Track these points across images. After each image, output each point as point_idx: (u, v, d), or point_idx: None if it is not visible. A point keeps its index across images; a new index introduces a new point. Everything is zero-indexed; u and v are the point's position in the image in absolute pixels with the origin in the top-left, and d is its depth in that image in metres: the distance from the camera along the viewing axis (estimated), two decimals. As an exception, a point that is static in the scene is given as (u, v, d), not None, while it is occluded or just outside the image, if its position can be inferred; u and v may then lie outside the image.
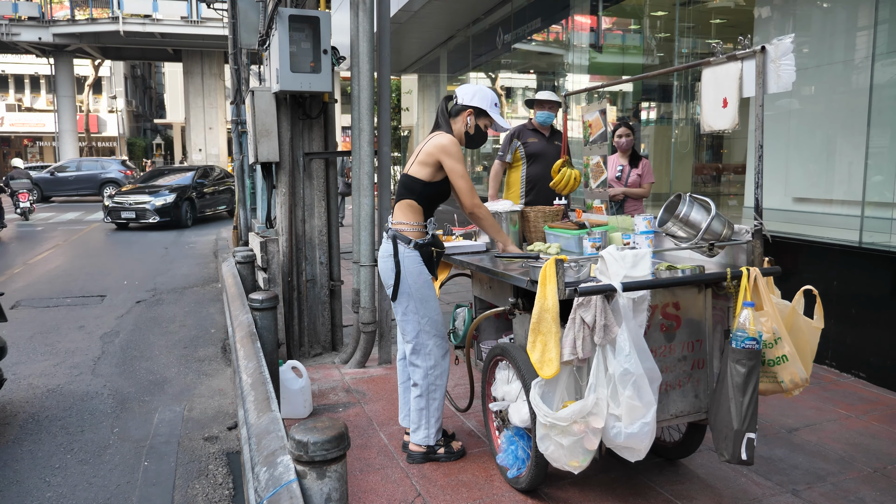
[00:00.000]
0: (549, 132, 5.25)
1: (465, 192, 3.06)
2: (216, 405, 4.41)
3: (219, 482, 3.37)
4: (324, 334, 5.15)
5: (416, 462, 3.21)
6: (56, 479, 3.41)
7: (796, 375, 2.57)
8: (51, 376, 4.98)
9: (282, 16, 4.46)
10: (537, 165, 5.16)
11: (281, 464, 1.75)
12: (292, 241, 4.96)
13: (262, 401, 2.41)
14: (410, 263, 3.07)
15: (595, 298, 2.36)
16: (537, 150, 5.17)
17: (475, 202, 3.08)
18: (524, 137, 5.24)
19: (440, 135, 3.08)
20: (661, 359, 2.62)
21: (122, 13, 28.51)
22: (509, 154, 5.27)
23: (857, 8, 4.97)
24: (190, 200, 15.71)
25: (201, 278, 9.09)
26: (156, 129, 50.64)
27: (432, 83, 16.79)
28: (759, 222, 2.71)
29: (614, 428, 2.38)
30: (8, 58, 40.02)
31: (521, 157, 5.24)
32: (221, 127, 33.42)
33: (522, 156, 5.23)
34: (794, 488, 2.93)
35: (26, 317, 6.86)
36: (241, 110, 8.78)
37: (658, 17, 8.56)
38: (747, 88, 2.67)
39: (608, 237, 3.29)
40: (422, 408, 3.17)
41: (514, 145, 5.25)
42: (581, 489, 2.92)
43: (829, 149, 5.13)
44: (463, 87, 3.19)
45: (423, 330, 3.12)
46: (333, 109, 5.11)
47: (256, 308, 3.57)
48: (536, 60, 11.84)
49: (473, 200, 3.07)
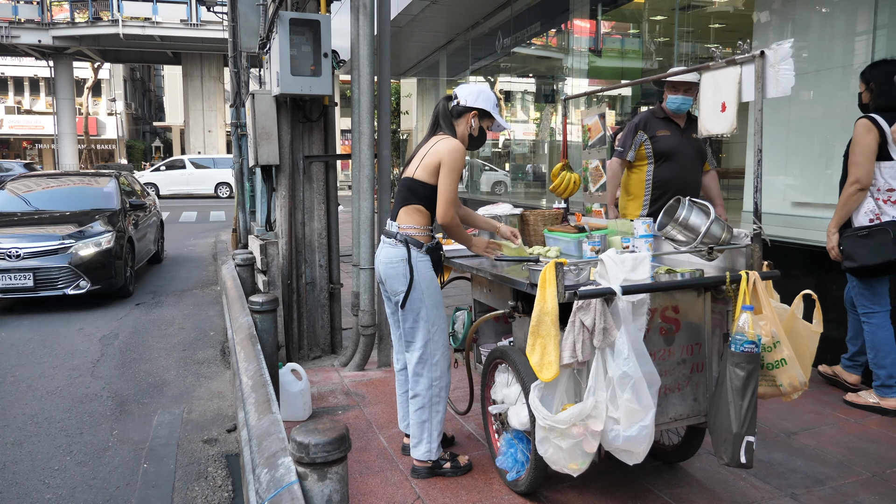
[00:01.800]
0: (684, 122, 4.19)
1: (447, 201, 2.93)
2: (215, 407, 4.41)
3: (218, 484, 3.37)
4: (323, 337, 5.15)
5: (422, 477, 3.08)
6: (55, 481, 3.41)
7: (795, 379, 2.57)
8: (50, 378, 4.98)
9: (282, 19, 4.47)
10: (669, 166, 4.16)
11: (282, 465, 1.75)
12: (292, 244, 4.96)
13: (262, 403, 2.42)
14: (423, 268, 2.99)
15: (594, 302, 2.37)
16: (669, 147, 4.13)
17: (448, 214, 2.94)
18: (652, 129, 4.17)
19: (447, 139, 2.97)
20: (661, 362, 2.63)
21: (122, 16, 28.55)
22: (632, 151, 4.23)
23: (857, 13, 4.99)
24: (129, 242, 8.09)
25: (200, 281, 9.09)
26: (155, 131, 50.65)
27: (432, 87, 16.84)
28: (758, 226, 2.72)
29: (613, 431, 2.39)
30: (7, 60, 40.06)
31: (647, 154, 4.20)
32: (220, 130, 33.46)
33: (649, 153, 4.20)
34: (793, 492, 2.94)
35: (26, 319, 6.85)
36: (240, 113, 8.80)
37: (657, 22, 8.59)
38: (746, 93, 2.68)
39: (607, 241, 3.29)
40: (423, 420, 3.06)
41: (639, 139, 4.22)
42: (580, 492, 2.93)
43: (827, 153, 5.14)
44: (463, 87, 3.09)
45: (432, 339, 3.02)
46: (333, 113, 5.12)
47: (256, 311, 3.57)
48: (536, 64, 11.88)
49: (447, 212, 2.94)
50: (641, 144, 4.21)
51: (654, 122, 4.20)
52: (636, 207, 4.26)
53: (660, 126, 4.18)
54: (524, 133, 14.20)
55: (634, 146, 4.22)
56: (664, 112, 4.17)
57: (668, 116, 4.18)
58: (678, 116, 4.17)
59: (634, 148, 4.22)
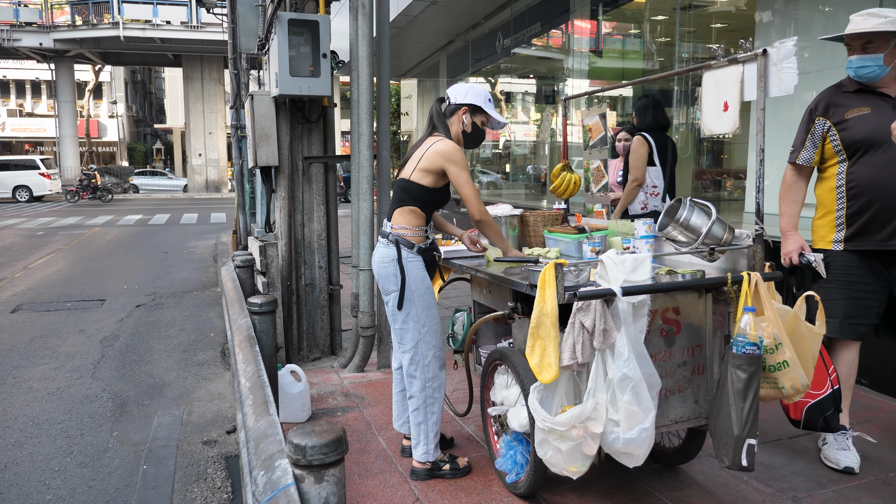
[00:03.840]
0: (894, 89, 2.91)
1: (472, 201, 2.96)
2: (215, 409, 4.40)
3: (217, 486, 3.36)
4: (322, 338, 5.14)
5: (421, 479, 3.08)
6: (55, 482, 3.40)
7: (797, 381, 2.55)
8: (51, 379, 4.97)
9: (281, 20, 4.46)
10: (871, 161, 2.91)
11: (279, 467, 1.74)
12: (291, 246, 4.95)
13: (260, 405, 2.40)
14: (414, 269, 3.01)
15: (594, 303, 2.35)
16: (869, 132, 2.88)
17: (482, 209, 2.99)
18: (836, 113, 2.97)
19: (442, 141, 2.99)
20: (661, 364, 2.61)
21: (123, 18, 28.61)
22: (808, 150, 3.07)
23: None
24: None
25: (200, 282, 9.09)
26: (156, 133, 50.75)
27: (432, 88, 16.83)
28: (760, 227, 2.70)
29: (613, 433, 2.37)
30: (9, 63, 40.17)
31: (835, 149, 3.00)
32: (221, 132, 33.51)
33: (837, 147, 2.98)
34: (795, 495, 2.92)
35: (27, 320, 6.85)
36: (240, 115, 8.79)
37: (658, 22, 8.57)
38: (748, 92, 2.66)
39: (608, 241, 3.28)
40: (420, 422, 3.07)
41: (819, 129, 3.03)
42: (580, 495, 2.91)
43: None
44: (454, 86, 3.11)
45: (422, 339, 3.03)
46: (333, 114, 5.11)
47: (255, 312, 3.56)
48: (536, 65, 11.87)
49: (480, 208, 2.98)
50: (825, 136, 3.02)
51: (838, 100, 2.99)
52: (825, 226, 3.14)
53: (849, 104, 2.95)
54: (525, 134, 14.19)
55: (812, 142, 3.06)
56: (857, 84, 2.96)
57: (861, 88, 2.95)
58: (874, 84, 2.91)
59: (812, 145, 3.06)
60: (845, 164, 3.01)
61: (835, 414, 3.00)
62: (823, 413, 2.99)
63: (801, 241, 3.13)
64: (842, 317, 3.09)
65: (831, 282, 3.09)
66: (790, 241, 3.15)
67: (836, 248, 3.11)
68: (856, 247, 3.05)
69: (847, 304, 3.09)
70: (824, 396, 2.97)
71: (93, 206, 24.58)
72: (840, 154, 3.01)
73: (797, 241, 3.13)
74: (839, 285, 3.09)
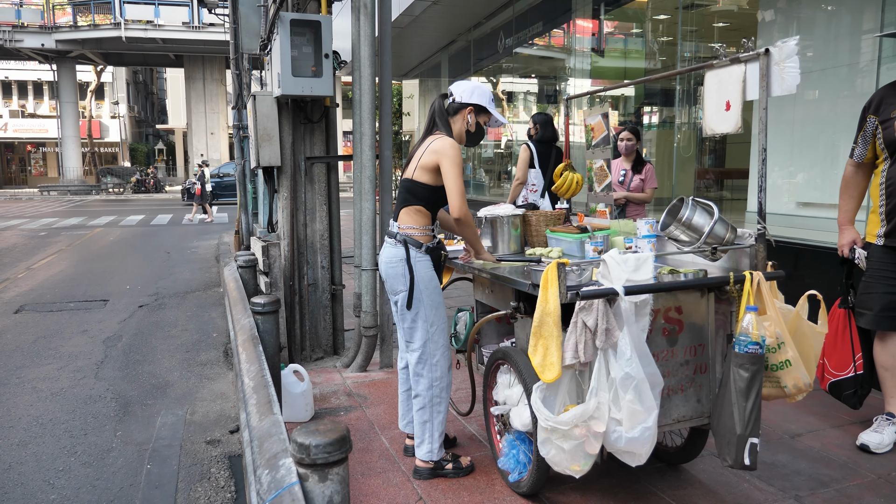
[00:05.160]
0: None
1: (454, 196, 2.91)
2: (218, 409, 4.41)
3: (221, 485, 3.37)
4: (325, 338, 5.15)
5: (424, 478, 3.09)
6: (60, 482, 3.41)
7: (800, 380, 2.56)
8: (54, 380, 4.98)
9: (283, 20, 4.47)
10: None
11: (283, 466, 1.74)
12: (294, 245, 4.96)
13: (264, 404, 2.41)
14: (422, 268, 3.01)
15: (597, 302, 2.36)
16: None
17: (463, 208, 2.93)
18: (885, 111, 2.92)
19: (441, 138, 2.99)
20: (664, 363, 2.61)
21: (125, 19, 28.64)
22: (863, 146, 3.08)
23: (863, 11, 4.96)
24: None
25: (203, 282, 9.10)
26: (158, 134, 50.78)
27: (433, 87, 16.83)
28: (762, 226, 2.71)
29: (615, 432, 2.38)
30: (11, 64, 40.20)
31: (881, 147, 2.99)
32: (223, 132, 33.55)
33: (881, 146, 2.98)
34: (797, 494, 2.92)
35: (30, 321, 6.87)
36: (242, 115, 8.81)
37: (660, 21, 8.57)
38: (751, 91, 2.66)
39: (610, 241, 3.28)
40: (425, 420, 3.07)
41: (870, 127, 3.03)
42: (582, 493, 2.91)
43: (833, 153, 5.12)
44: (458, 84, 3.10)
45: (431, 339, 3.03)
46: (335, 114, 5.11)
47: (258, 312, 3.56)
48: (538, 64, 11.86)
49: (462, 205, 2.92)
50: (873, 135, 2.97)
51: (893, 98, 2.90)
52: (872, 222, 3.22)
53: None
54: (526, 134, 14.17)
55: (863, 139, 3.04)
56: None
57: None
58: None
59: (864, 141, 3.02)
60: (888, 162, 3.07)
61: (855, 394, 3.31)
62: (842, 391, 3.35)
63: (854, 235, 3.31)
64: (877, 309, 3.24)
65: (871, 275, 3.27)
66: (845, 234, 3.35)
67: (878, 243, 3.25)
68: (892, 243, 3.18)
69: (883, 298, 3.23)
70: (845, 378, 3.33)
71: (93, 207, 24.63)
72: (884, 152, 3.07)
73: (850, 235, 3.32)
74: (877, 279, 3.25)
